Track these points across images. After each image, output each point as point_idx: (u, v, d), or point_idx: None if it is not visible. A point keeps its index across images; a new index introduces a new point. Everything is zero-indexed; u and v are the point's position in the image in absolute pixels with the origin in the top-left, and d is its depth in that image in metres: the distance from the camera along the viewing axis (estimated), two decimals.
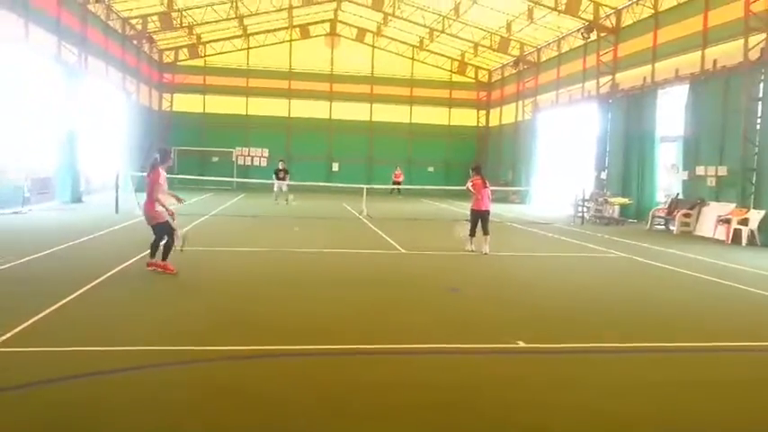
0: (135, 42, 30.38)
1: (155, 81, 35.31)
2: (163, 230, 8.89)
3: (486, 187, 12.45)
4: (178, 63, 36.83)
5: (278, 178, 25.59)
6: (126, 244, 11.68)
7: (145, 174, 9.18)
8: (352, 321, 6.80)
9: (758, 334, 6.79)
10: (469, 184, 12.68)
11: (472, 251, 12.31)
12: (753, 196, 16.23)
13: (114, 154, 26.84)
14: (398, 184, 33.84)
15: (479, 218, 12.31)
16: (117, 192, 18.37)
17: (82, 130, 21.72)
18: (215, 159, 36.55)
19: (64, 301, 6.91)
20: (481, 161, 38.73)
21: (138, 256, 10.00)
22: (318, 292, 8.32)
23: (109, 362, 5.08)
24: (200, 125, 36.48)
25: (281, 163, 26.42)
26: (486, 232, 12.26)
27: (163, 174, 8.95)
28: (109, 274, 8.66)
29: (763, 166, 15.94)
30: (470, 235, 12.44)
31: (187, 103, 36.91)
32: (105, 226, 14.38)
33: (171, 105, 36.92)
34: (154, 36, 31.64)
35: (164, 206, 8.87)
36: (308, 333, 6.19)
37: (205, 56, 36.94)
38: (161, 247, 8.93)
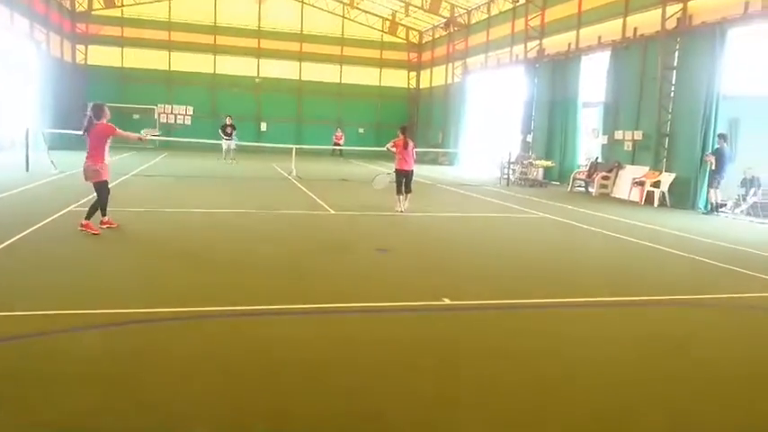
0: None
1: (67, 31, 32.96)
2: (102, 188, 8.82)
3: (407, 148, 12.63)
4: (93, 12, 34.48)
5: (225, 134, 25.06)
6: (38, 204, 11.04)
7: (81, 132, 9.05)
8: (277, 281, 6.74)
9: (667, 289, 7.26)
10: (390, 145, 12.96)
11: (402, 211, 12.48)
12: (665, 160, 17.15)
13: (24, 109, 25.07)
14: (339, 145, 33.94)
15: (402, 177, 12.60)
16: (27, 150, 17.23)
17: None
18: (136, 117, 34.73)
19: None
20: (412, 123, 39.12)
21: (55, 216, 9.50)
22: (241, 253, 8.19)
23: (10, 328, 4.83)
24: (118, 80, 34.55)
25: (228, 118, 25.64)
26: (408, 191, 12.61)
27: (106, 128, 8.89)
28: (20, 235, 8.17)
29: (675, 131, 16.82)
30: (398, 193, 12.68)
31: (104, 57, 34.74)
32: (15, 186, 13.50)
33: (86, 58, 34.67)
34: None
35: (140, 138, 9.93)
36: (229, 294, 6.10)
37: (122, 6, 34.76)
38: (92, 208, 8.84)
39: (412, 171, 12.78)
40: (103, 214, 9.00)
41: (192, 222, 10.51)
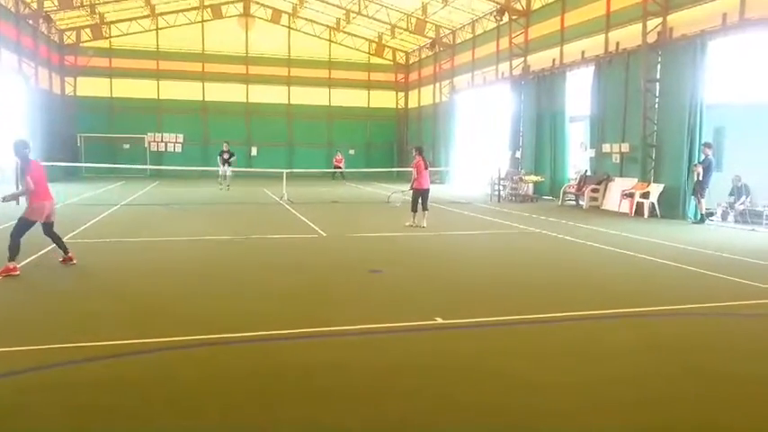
0: (30, 22, 28.32)
1: (55, 64, 33.10)
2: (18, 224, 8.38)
3: (426, 168, 13.55)
4: (81, 44, 34.67)
5: (223, 161, 25.25)
6: (30, 236, 10.99)
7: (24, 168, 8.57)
8: (274, 307, 6.73)
9: (665, 299, 7.29)
10: (413, 165, 13.81)
11: (412, 225, 13.26)
12: (653, 171, 17.30)
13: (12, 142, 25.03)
14: (340, 168, 34.15)
15: (420, 196, 13.39)
16: (17, 183, 17.16)
17: None
18: (126, 146, 34.88)
19: None
20: (401, 143, 39.38)
21: (48, 248, 9.47)
22: (237, 279, 8.18)
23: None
24: (108, 110, 34.65)
25: (225, 145, 25.74)
26: (425, 208, 13.44)
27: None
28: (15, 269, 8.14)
29: (661, 142, 17.00)
30: (413, 210, 13.53)
31: (93, 88, 34.85)
32: (7, 219, 13.41)
33: (75, 90, 34.78)
34: (52, 15, 29.62)
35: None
36: (228, 321, 6.08)
37: (110, 37, 34.99)
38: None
39: (428, 190, 13.59)
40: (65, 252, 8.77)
41: (183, 251, 10.48)
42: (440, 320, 6.13)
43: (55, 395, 4.22)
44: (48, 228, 8.72)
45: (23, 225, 8.32)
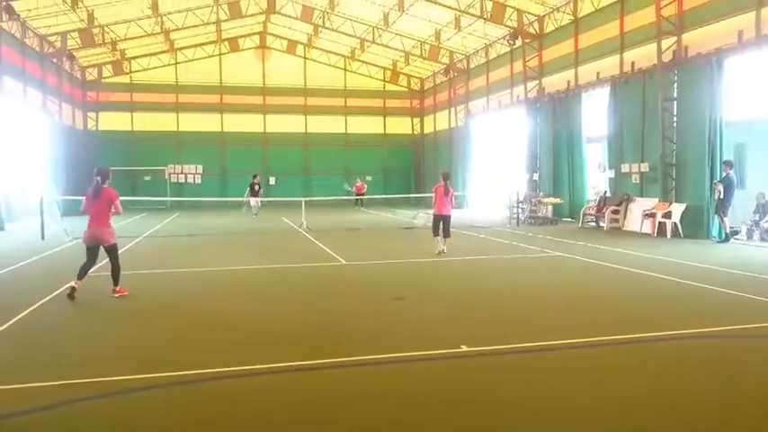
0: (55, 60, 29.13)
1: (78, 100, 33.94)
2: (116, 251, 9.01)
3: (447, 194, 13.34)
4: (102, 80, 35.53)
5: (254, 192, 26.22)
6: (55, 271, 11.15)
7: (87, 196, 9.07)
8: (294, 337, 6.71)
9: (693, 322, 7.14)
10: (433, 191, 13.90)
11: (442, 252, 13.07)
12: (674, 190, 17.11)
13: (38, 178, 25.60)
14: (362, 195, 32.94)
15: (440, 221, 13.24)
16: (42, 217, 17.51)
17: (1, 155, 20.61)
18: (147, 178, 35.43)
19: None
20: (418, 168, 39.49)
21: (72, 283, 9.58)
22: (258, 308, 8.18)
23: (43, 398, 4.83)
24: (128, 144, 35.29)
25: (256, 177, 26.90)
26: (445, 235, 13.23)
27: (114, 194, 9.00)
28: (41, 302, 8.23)
29: (682, 161, 16.85)
30: (434, 235, 13.40)
31: (114, 122, 35.63)
32: (31, 254, 13.68)
33: (96, 124, 35.56)
34: (75, 53, 30.45)
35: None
36: (249, 352, 6.07)
37: (131, 72, 35.83)
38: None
39: (449, 216, 13.31)
40: (116, 283, 8.94)
41: (206, 281, 10.52)
42: (465, 348, 6.06)
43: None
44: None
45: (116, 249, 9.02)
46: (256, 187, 26.36)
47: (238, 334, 6.84)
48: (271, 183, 36.90)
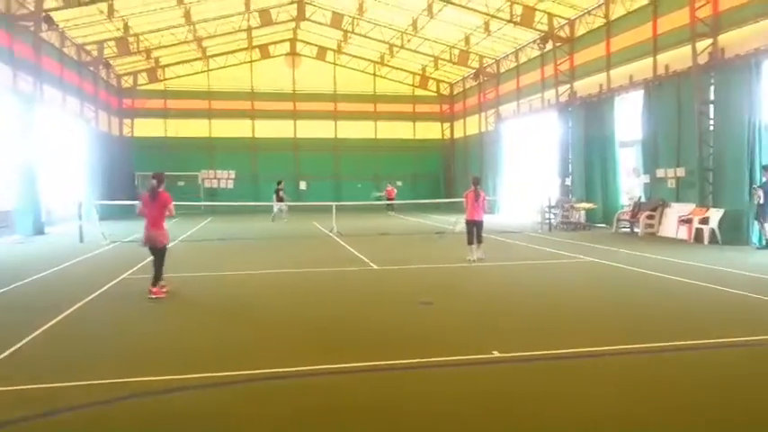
0: (92, 69, 29.90)
1: (114, 107, 34.76)
2: (164, 254, 9.34)
3: (477, 199, 13.12)
4: (137, 88, 36.35)
5: (279, 198, 27.33)
6: (96, 273, 11.43)
7: (143, 199, 9.51)
8: (321, 341, 6.75)
9: (732, 330, 6.97)
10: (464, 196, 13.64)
11: (473, 260, 12.80)
12: (711, 195, 16.72)
13: (76, 183, 26.27)
14: (392, 200, 32.61)
15: (473, 227, 13.05)
16: (81, 221, 17.97)
17: (41, 161, 21.23)
18: (180, 184, 35.96)
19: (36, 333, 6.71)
20: (448, 174, 39.38)
21: (112, 282, 9.81)
22: (288, 312, 8.25)
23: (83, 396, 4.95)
24: (162, 149, 35.94)
25: (281, 183, 28.21)
26: (478, 240, 13.08)
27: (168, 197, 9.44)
28: (81, 303, 8.44)
29: (719, 165, 16.45)
30: (468, 243, 13.10)
31: (148, 128, 36.41)
32: (71, 257, 14.04)
33: (132, 131, 36.38)
34: (111, 61, 31.22)
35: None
36: (276, 355, 6.13)
37: (164, 79, 36.56)
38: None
39: (481, 221, 13.15)
40: (154, 284, 9.18)
41: (239, 284, 10.66)
42: (497, 354, 6.01)
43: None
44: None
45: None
46: (281, 193, 27.45)
47: (269, 334, 6.91)
48: (301, 187, 37.22)
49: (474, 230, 13.04)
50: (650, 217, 18.41)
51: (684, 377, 5.41)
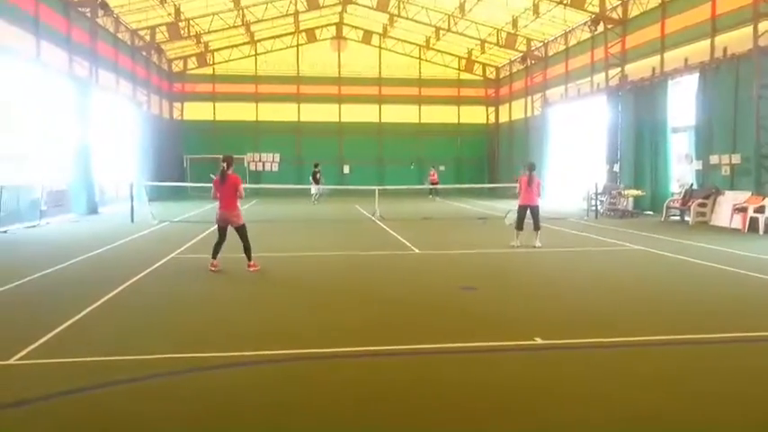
0: (144, 53, 30.68)
1: (165, 91, 35.62)
2: (245, 231, 9.86)
3: (530, 184, 12.81)
4: (187, 72, 37.13)
5: (316, 180, 27.91)
6: (147, 251, 11.83)
7: (214, 182, 9.97)
8: (364, 324, 6.83)
9: None
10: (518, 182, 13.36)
11: (516, 246, 12.55)
12: None
13: (128, 164, 27.12)
14: (435, 184, 32.35)
15: (524, 212, 12.75)
16: (132, 202, 18.58)
17: (95, 143, 21.98)
18: None
19: (94, 307, 7.02)
20: (492, 158, 38.94)
21: (163, 260, 10.14)
22: (332, 294, 8.37)
23: (140, 370, 5.17)
24: (211, 132, 36.70)
25: (318, 165, 28.93)
26: (535, 227, 12.75)
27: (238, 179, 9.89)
28: (137, 277, 8.77)
29: None
30: (516, 228, 12.77)
31: (197, 112, 37.22)
32: (123, 235, 14.56)
33: (182, 114, 37.25)
34: (162, 46, 31.94)
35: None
36: (320, 336, 6.24)
37: (213, 64, 37.22)
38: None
39: (537, 206, 12.84)
40: (249, 258, 9.86)
41: (289, 264, 10.87)
42: (539, 341, 5.97)
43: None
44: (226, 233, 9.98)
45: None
46: (318, 175, 27.96)
47: (324, 317, 7.05)
48: (345, 171, 37.44)
49: (525, 215, 12.75)
50: (702, 205, 17.83)
51: (735, 368, 5.27)
